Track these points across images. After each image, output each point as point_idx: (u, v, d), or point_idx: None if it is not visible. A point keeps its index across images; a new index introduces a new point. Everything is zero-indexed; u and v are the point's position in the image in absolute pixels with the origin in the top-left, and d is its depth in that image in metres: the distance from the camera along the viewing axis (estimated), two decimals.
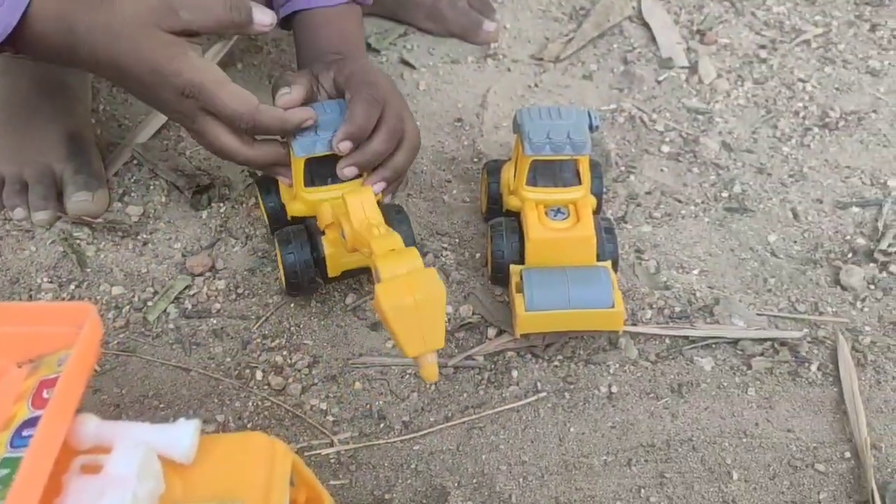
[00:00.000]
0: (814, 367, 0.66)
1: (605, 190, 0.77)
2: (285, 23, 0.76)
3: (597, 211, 0.71)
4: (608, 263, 0.66)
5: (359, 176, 0.66)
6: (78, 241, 0.74)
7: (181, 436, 0.36)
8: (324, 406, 0.63)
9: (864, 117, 0.90)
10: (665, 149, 0.86)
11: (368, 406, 0.63)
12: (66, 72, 0.81)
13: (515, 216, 0.69)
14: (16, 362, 0.38)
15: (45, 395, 0.36)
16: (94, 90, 0.87)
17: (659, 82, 0.94)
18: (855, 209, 0.80)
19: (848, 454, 0.60)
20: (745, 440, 0.61)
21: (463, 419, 0.62)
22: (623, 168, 0.84)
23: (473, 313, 0.69)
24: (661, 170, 0.84)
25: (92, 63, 0.61)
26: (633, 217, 0.78)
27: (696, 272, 0.73)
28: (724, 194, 0.81)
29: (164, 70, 0.59)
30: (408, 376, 0.65)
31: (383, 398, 0.63)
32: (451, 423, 0.62)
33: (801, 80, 0.94)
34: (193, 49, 0.61)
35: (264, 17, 0.62)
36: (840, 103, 0.91)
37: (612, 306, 0.62)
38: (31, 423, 0.34)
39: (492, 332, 0.67)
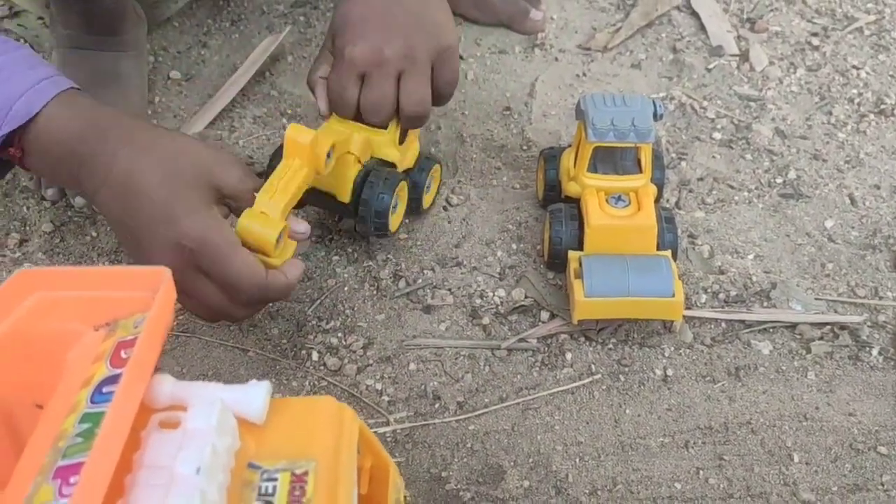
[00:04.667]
0: (875, 352, 0.65)
1: (666, 180, 0.77)
2: None
3: (657, 200, 0.71)
4: (668, 253, 0.66)
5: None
6: None
7: (254, 396, 0.37)
8: (379, 386, 0.63)
9: None
10: (717, 136, 0.85)
11: (423, 386, 0.63)
12: (123, 64, 0.83)
13: (574, 202, 0.69)
14: (93, 325, 0.39)
15: (123, 355, 0.36)
16: (150, 81, 0.89)
17: (709, 70, 0.93)
18: None
19: None
20: (805, 423, 0.60)
21: (518, 400, 0.62)
22: (674, 155, 0.83)
23: (526, 297, 0.69)
24: (714, 156, 0.83)
25: (101, 175, 0.54)
26: (686, 203, 0.78)
27: (751, 257, 0.73)
28: (779, 180, 0.80)
29: (180, 215, 0.52)
30: (462, 358, 0.65)
31: (437, 379, 0.64)
32: (505, 404, 0.62)
33: (854, 66, 0.93)
34: (218, 209, 0.55)
35: (299, 226, 0.59)
36: (895, 90, 0.90)
37: (673, 295, 0.62)
38: (111, 380, 0.35)
39: (545, 315, 0.67)
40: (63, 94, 0.55)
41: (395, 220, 0.69)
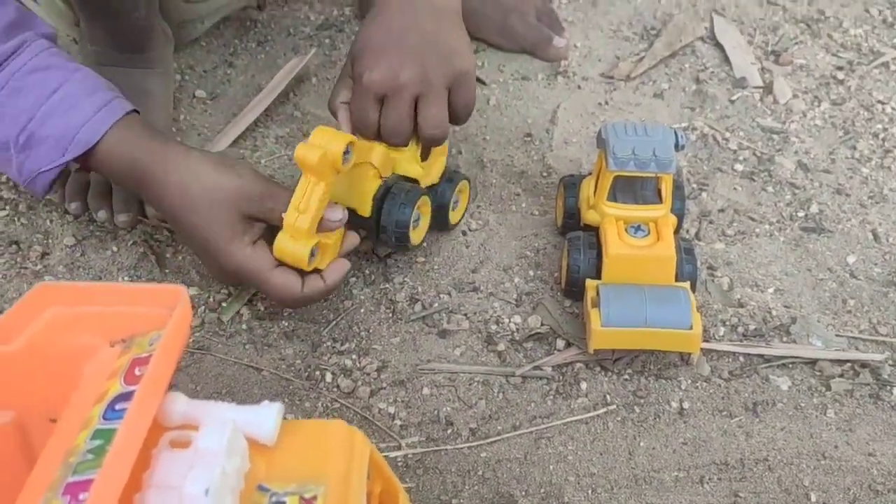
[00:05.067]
0: None
1: (686, 211, 0.76)
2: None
3: (676, 231, 0.70)
4: (686, 284, 0.65)
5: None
6: (157, 243, 0.76)
7: (265, 417, 0.36)
8: (392, 410, 0.63)
9: None
10: (738, 167, 0.85)
11: (436, 412, 0.63)
12: (149, 81, 0.84)
13: (593, 231, 0.69)
14: (109, 341, 0.39)
15: (137, 372, 0.37)
16: (176, 100, 0.90)
17: (732, 102, 0.93)
18: None
19: None
20: (823, 462, 0.59)
21: (531, 428, 0.61)
22: (695, 185, 0.83)
23: (542, 324, 0.68)
24: (735, 188, 0.83)
25: (156, 201, 0.64)
26: (706, 234, 0.77)
27: (771, 290, 0.72)
28: (801, 214, 0.79)
29: (219, 248, 0.61)
30: (476, 384, 0.65)
31: (451, 404, 0.63)
32: (518, 432, 0.61)
33: (880, 101, 0.92)
34: (251, 233, 0.62)
35: (334, 214, 0.63)
36: None
37: (691, 328, 0.61)
38: (124, 397, 0.35)
39: (561, 343, 0.67)
40: (119, 122, 0.62)
41: (417, 234, 0.69)
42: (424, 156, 0.70)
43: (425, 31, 0.65)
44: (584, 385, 0.64)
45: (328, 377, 0.65)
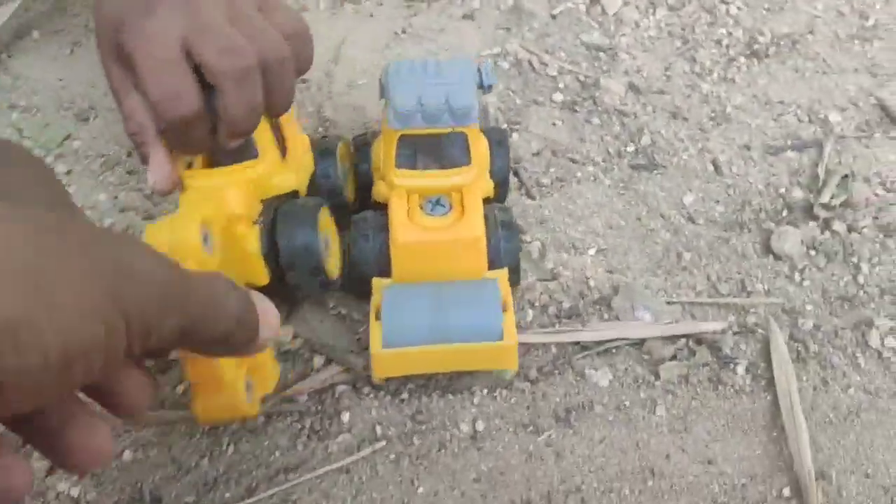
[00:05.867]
0: (741, 370, 0.50)
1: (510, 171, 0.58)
2: None
3: (498, 198, 0.54)
4: (503, 272, 0.50)
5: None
6: None
7: None
8: (75, 492, 0.46)
9: (798, 40, 0.74)
10: (558, 97, 0.69)
11: (138, 485, 0.46)
12: None
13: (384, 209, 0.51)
14: None
15: None
16: None
17: (553, 17, 0.77)
18: (790, 154, 0.64)
19: (788, 491, 0.45)
20: (651, 483, 0.46)
21: (270, 491, 0.45)
22: (505, 125, 0.67)
23: (295, 337, 0.52)
24: (553, 123, 0.68)
25: None
26: (514, 188, 0.62)
27: (591, 252, 0.58)
28: (630, 148, 0.65)
29: None
30: (197, 437, 0.48)
31: (160, 471, 0.47)
32: (254, 499, 0.45)
33: (723, 1, 0.78)
34: None
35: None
36: (770, 25, 0.75)
37: (500, 338, 0.46)
38: None
39: (319, 360, 0.51)
40: None
41: (332, 263, 0.50)
42: (282, 147, 0.50)
43: None
44: (346, 416, 0.48)
45: None
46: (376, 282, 0.50)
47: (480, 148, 0.53)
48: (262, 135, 0.48)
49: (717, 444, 0.47)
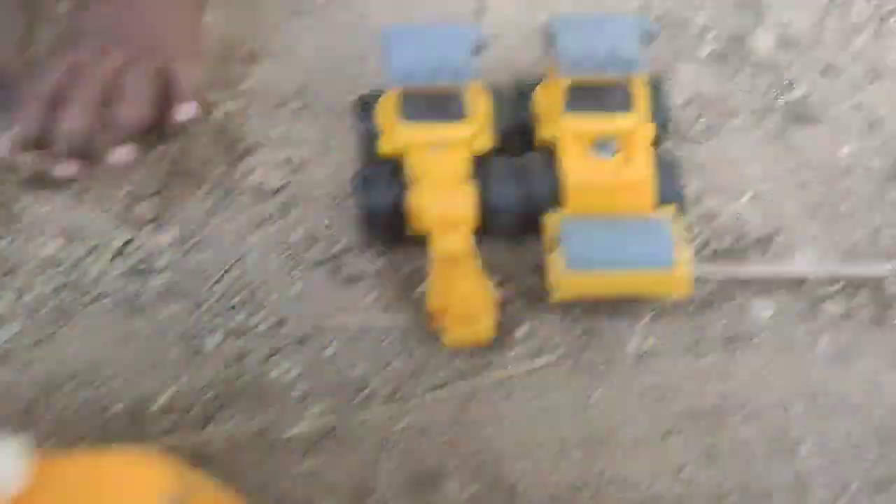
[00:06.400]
0: None
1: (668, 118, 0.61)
2: None
3: (658, 142, 0.58)
4: (670, 209, 0.54)
5: None
6: None
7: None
8: (293, 374, 0.52)
9: None
10: (705, 49, 0.71)
11: (345, 374, 0.51)
12: None
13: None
14: None
15: None
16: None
17: None
18: None
19: None
20: (816, 405, 0.48)
21: (458, 386, 0.50)
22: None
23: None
24: (701, 76, 0.69)
25: None
26: (668, 135, 0.65)
27: (747, 198, 0.60)
28: (782, 102, 0.67)
29: None
30: (390, 339, 0.53)
31: (362, 364, 0.52)
32: (444, 392, 0.50)
33: None
34: None
35: None
36: None
37: (671, 265, 0.50)
38: None
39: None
40: None
41: None
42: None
43: None
44: (522, 330, 0.52)
45: (211, 342, 0.54)
46: (549, 217, 0.54)
47: (641, 96, 0.56)
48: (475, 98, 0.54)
49: (880, 376, 0.49)
